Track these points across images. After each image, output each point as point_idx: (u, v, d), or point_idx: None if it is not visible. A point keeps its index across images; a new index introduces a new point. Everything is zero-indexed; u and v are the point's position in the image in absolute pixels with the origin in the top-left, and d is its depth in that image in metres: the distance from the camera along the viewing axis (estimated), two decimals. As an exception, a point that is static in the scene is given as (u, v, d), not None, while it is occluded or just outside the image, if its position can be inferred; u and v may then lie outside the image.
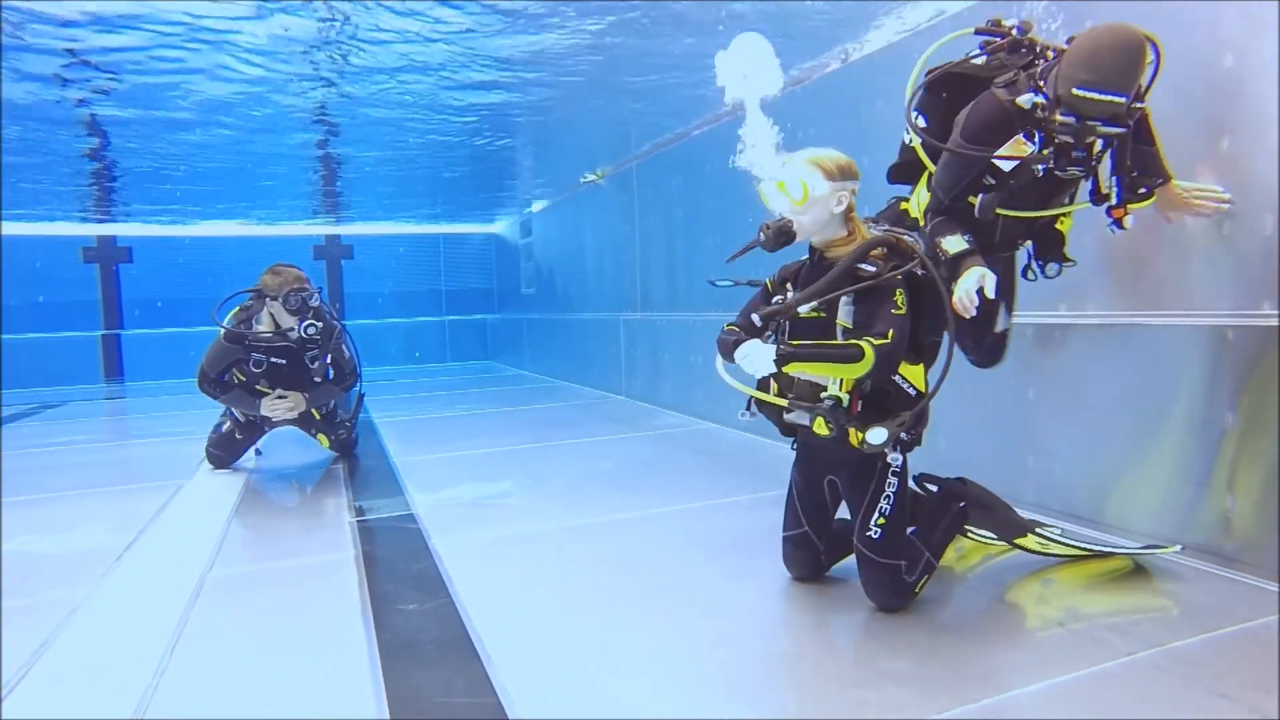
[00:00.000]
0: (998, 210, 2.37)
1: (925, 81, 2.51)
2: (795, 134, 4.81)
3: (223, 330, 4.38)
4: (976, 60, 2.43)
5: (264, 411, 4.44)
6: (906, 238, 2.28)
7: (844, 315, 2.22)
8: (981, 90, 2.35)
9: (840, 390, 2.22)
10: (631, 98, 5.75)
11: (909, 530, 2.38)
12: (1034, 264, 2.63)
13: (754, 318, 2.30)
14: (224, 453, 4.66)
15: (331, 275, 12.76)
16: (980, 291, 2.22)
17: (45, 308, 11.23)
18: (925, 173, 2.62)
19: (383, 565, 2.89)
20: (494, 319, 13.47)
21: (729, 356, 2.25)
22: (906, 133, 2.65)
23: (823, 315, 2.23)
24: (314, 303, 4.35)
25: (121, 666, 2.10)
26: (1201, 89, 2.55)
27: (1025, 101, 2.20)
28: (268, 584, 2.76)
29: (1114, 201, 2.35)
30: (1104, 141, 2.22)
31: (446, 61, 4.82)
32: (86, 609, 2.54)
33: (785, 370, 2.18)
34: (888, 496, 2.28)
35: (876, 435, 2.13)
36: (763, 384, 2.41)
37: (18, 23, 3.85)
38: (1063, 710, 1.74)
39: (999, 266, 2.57)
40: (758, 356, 2.15)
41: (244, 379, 4.49)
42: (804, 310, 2.20)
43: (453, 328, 13.56)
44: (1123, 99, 2.04)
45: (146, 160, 7.18)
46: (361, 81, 5.14)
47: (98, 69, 4.66)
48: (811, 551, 2.50)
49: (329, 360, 4.60)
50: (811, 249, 2.34)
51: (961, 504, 2.56)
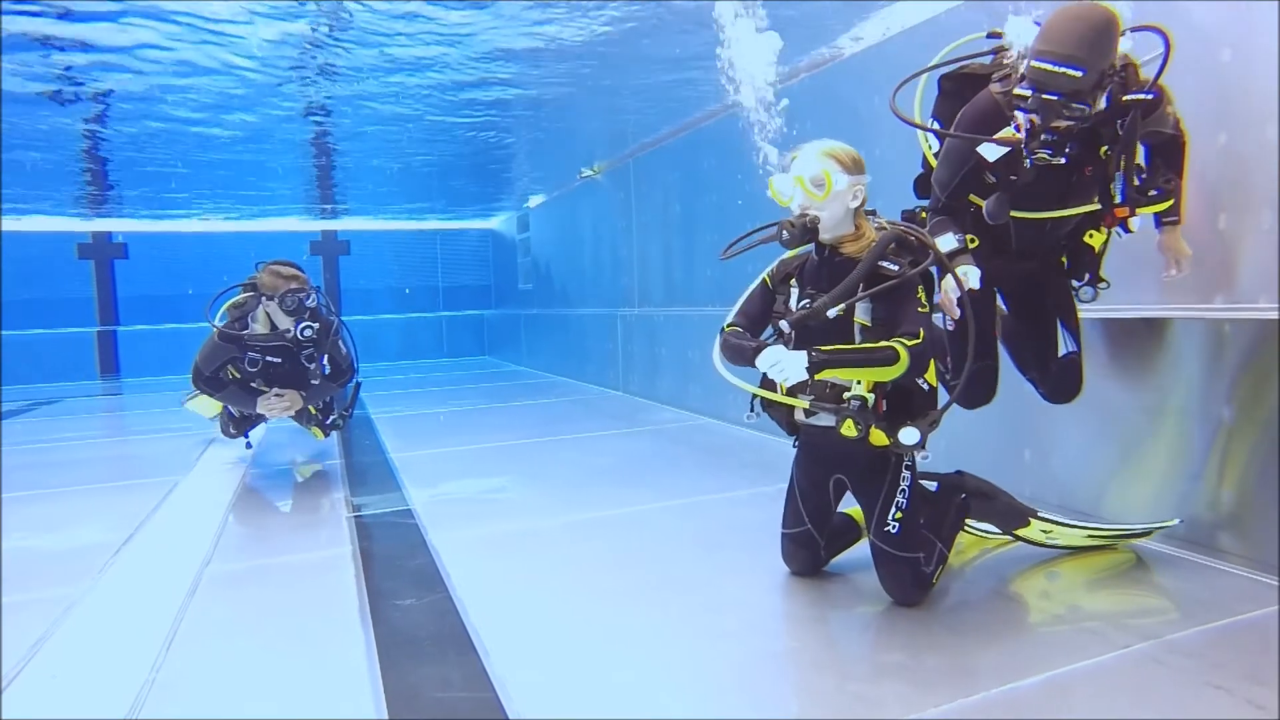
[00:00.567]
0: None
1: (941, 86, 2.52)
2: (789, 130, 4.82)
3: (216, 329, 4.31)
4: (984, 61, 2.43)
5: (260, 410, 4.39)
6: (914, 232, 2.25)
7: (861, 313, 2.17)
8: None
9: (864, 390, 2.16)
10: (629, 93, 5.74)
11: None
12: (1072, 283, 2.56)
13: (783, 325, 2.21)
14: (234, 429, 4.72)
15: (328, 271, 12.75)
16: (969, 300, 2.20)
17: (40, 304, 11.20)
18: None
19: (380, 561, 2.89)
20: (491, 314, 13.47)
21: (749, 362, 2.18)
22: (925, 141, 2.65)
23: (840, 313, 2.16)
24: (310, 303, 4.23)
25: (118, 663, 2.10)
26: (1199, 84, 2.55)
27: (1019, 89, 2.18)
28: (265, 580, 2.76)
29: (1118, 200, 2.32)
30: (1078, 125, 2.13)
31: (443, 56, 4.81)
32: (83, 605, 2.53)
33: (818, 377, 2.10)
34: (903, 491, 2.27)
35: (909, 435, 2.10)
36: (766, 381, 2.34)
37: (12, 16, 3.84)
38: (1060, 704, 1.75)
39: (1037, 288, 2.55)
40: (789, 365, 2.07)
41: (239, 376, 4.44)
42: (832, 313, 2.12)
43: (450, 323, 13.56)
44: (1078, 72, 1.98)
45: (142, 155, 7.15)
46: (359, 77, 5.12)
47: (93, 65, 4.64)
48: (812, 548, 2.49)
49: (325, 359, 4.55)
50: (819, 245, 2.25)
51: (963, 495, 2.56)
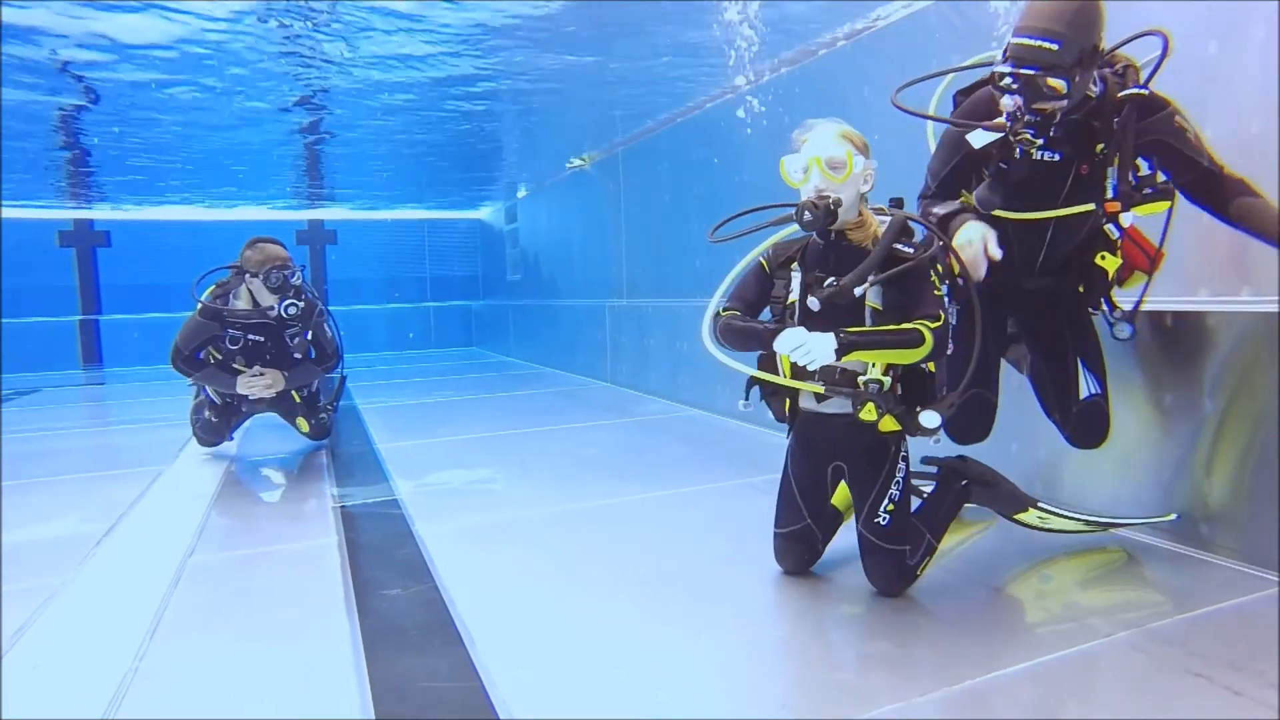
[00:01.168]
0: (999, 212, 2.33)
1: (955, 101, 2.53)
2: (782, 119, 4.82)
3: (200, 305, 4.21)
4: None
5: (240, 389, 4.25)
6: (917, 218, 2.24)
7: (873, 297, 2.15)
8: None
9: (879, 374, 2.13)
10: (618, 83, 5.71)
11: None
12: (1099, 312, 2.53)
13: (811, 302, 2.15)
14: (210, 434, 4.55)
15: (315, 260, 12.64)
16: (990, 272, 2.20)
17: (21, 292, 11.05)
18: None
19: (366, 551, 2.87)
20: (479, 305, 13.42)
21: (763, 346, 2.15)
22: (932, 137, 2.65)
23: (864, 292, 2.13)
24: (295, 280, 4.17)
25: (100, 653, 2.08)
26: (1185, 75, 2.55)
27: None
28: (250, 570, 2.74)
29: (1109, 195, 2.30)
30: (1063, 111, 2.12)
31: (431, 47, 4.76)
32: (65, 596, 2.51)
33: (843, 359, 2.07)
34: (897, 482, 2.26)
35: (930, 419, 2.09)
36: (763, 364, 2.31)
37: None
38: (1042, 691, 1.76)
39: (1053, 318, 2.55)
40: (816, 347, 2.02)
41: (220, 357, 4.33)
42: (859, 291, 2.08)
43: (437, 314, 13.50)
44: (1053, 45, 1.99)
45: (125, 142, 7.05)
46: (346, 66, 5.07)
47: (77, 58, 4.57)
48: (811, 543, 2.44)
49: (309, 337, 4.44)
50: (824, 230, 2.18)
51: (963, 482, 2.54)
